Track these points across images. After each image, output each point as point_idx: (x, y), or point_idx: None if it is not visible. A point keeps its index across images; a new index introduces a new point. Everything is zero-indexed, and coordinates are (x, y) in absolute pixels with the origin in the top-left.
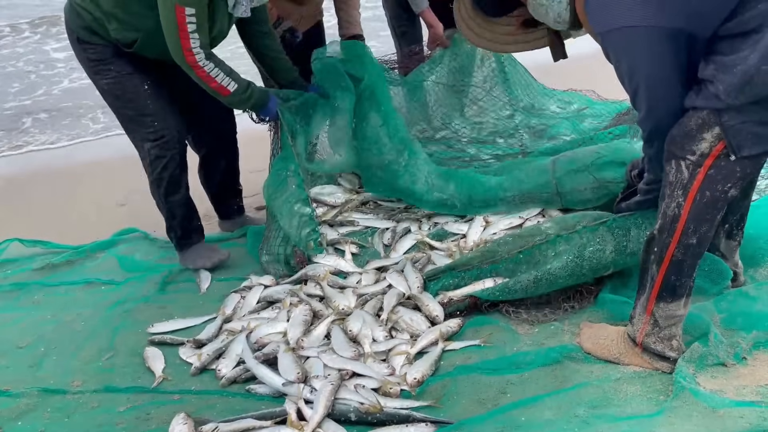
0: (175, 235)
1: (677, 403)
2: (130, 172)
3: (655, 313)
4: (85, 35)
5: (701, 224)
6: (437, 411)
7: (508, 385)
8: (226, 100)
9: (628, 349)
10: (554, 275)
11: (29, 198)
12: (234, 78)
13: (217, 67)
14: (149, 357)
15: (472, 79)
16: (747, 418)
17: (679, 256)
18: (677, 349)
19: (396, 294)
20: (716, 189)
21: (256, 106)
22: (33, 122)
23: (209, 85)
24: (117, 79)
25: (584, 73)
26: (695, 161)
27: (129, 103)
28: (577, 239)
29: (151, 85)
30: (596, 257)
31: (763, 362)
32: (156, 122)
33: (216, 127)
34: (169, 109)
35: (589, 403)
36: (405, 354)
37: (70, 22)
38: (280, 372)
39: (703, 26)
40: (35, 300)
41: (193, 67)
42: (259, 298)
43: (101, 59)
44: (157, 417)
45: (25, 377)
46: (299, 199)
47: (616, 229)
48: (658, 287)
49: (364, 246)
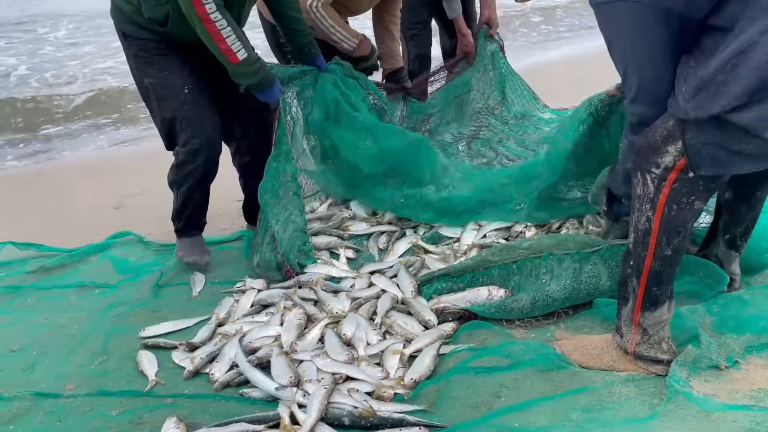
0: (178, 223)
1: (671, 407)
2: (125, 175)
3: (642, 323)
4: (129, 29)
5: (673, 236)
6: (431, 415)
7: (502, 389)
8: (232, 69)
9: (621, 357)
10: (552, 297)
11: (23, 201)
12: (245, 45)
13: (229, 26)
14: (142, 361)
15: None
16: (740, 422)
17: (657, 267)
18: (668, 351)
19: (390, 298)
20: (682, 202)
21: (261, 85)
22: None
23: (218, 46)
24: (159, 79)
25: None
26: (660, 175)
27: (167, 104)
28: (569, 262)
29: (191, 89)
30: (593, 283)
31: (756, 366)
32: (189, 128)
33: (261, 136)
34: (206, 116)
35: (583, 407)
36: (399, 353)
37: (116, 20)
38: (273, 376)
39: (696, 6)
40: (28, 303)
41: (202, 20)
42: (253, 301)
43: (145, 55)
44: (150, 421)
45: (17, 381)
46: (295, 208)
47: (608, 260)
48: (640, 299)
49: (359, 250)
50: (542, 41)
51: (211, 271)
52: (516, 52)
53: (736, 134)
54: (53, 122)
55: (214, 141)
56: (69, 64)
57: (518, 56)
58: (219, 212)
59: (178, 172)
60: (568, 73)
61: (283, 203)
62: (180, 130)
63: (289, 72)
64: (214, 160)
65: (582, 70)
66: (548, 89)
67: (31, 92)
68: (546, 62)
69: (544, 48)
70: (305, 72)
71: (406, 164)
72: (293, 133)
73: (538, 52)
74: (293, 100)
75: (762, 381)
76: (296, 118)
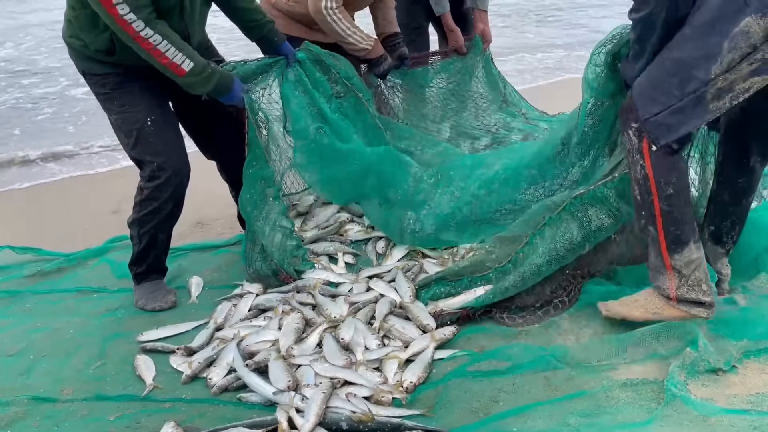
0: (137, 268)
1: (668, 411)
2: (122, 179)
3: (674, 265)
4: (86, 66)
5: (669, 174)
6: (429, 420)
7: (501, 394)
8: (182, 81)
9: (664, 304)
10: (537, 265)
11: (21, 205)
12: (188, 55)
13: (165, 39)
14: (140, 365)
15: (469, 91)
16: (737, 427)
17: (666, 207)
18: (709, 293)
19: (388, 302)
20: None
21: (218, 90)
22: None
23: (160, 62)
24: (121, 114)
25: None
26: (638, 127)
27: (131, 139)
28: (548, 232)
29: (154, 120)
30: (567, 238)
31: (753, 371)
32: (155, 161)
33: (242, 144)
34: (172, 146)
35: (581, 412)
36: (397, 359)
37: (74, 60)
38: (271, 380)
39: None
40: (26, 307)
41: (135, 39)
42: (251, 305)
43: (104, 92)
44: (147, 425)
45: (14, 385)
46: (278, 213)
47: (576, 212)
48: (664, 243)
49: (358, 254)
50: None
51: (209, 275)
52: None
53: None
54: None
55: (181, 173)
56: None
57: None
58: (216, 217)
59: (141, 209)
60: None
61: (265, 211)
62: (146, 164)
63: (252, 68)
64: (181, 196)
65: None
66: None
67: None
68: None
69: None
70: (270, 65)
71: (373, 187)
72: (269, 129)
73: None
74: (261, 97)
75: (760, 385)
76: (268, 113)
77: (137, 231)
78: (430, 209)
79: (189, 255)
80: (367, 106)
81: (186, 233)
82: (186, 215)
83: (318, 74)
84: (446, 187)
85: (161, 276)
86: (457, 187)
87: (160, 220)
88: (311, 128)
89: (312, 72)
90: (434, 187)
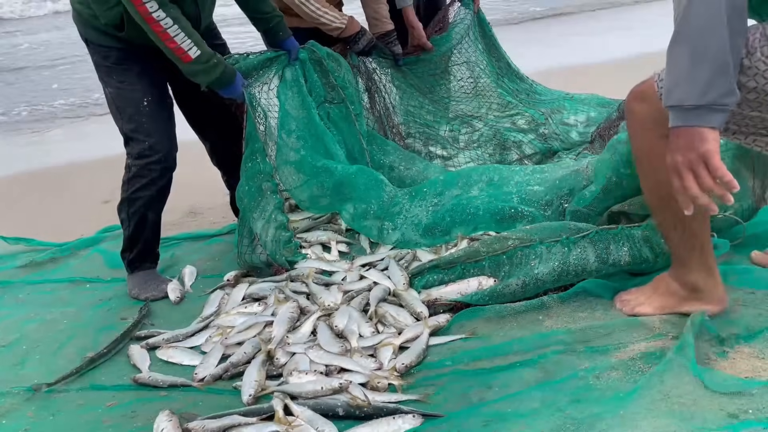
0: (129, 254)
1: (657, 387)
2: (114, 169)
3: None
4: (92, 35)
5: None
6: (425, 405)
7: (494, 379)
8: (186, 69)
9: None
10: (541, 280)
11: (12, 195)
12: (196, 42)
13: (176, 24)
14: (134, 354)
15: (442, 89)
16: (726, 410)
17: None
18: None
19: (382, 289)
20: None
21: (220, 82)
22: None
23: (168, 46)
24: (118, 89)
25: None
26: None
27: (125, 115)
28: (558, 247)
29: (150, 101)
30: (581, 264)
31: (743, 355)
32: (147, 140)
33: (235, 131)
34: (164, 130)
35: (572, 393)
36: (391, 345)
37: (78, 25)
38: (243, 383)
39: None
40: (19, 298)
41: (146, 20)
42: (244, 294)
43: (105, 64)
44: (143, 414)
45: (8, 376)
46: (274, 207)
47: (598, 242)
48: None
49: (351, 243)
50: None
51: (203, 264)
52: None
53: None
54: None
55: (170, 158)
56: None
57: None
58: (209, 206)
59: (129, 187)
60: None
61: (262, 204)
62: (136, 142)
63: (253, 63)
64: (170, 176)
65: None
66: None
67: None
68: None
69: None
70: (272, 60)
71: (346, 201)
72: (266, 125)
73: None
74: (260, 93)
75: (748, 370)
76: (267, 109)
77: (126, 212)
78: (406, 219)
79: (182, 244)
80: (355, 119)
81: (179, 222)
82: (178, 204)
83: (315, 76)
84: (421, 200)
85: (154, 264)
86: (431, 203)
87: (149, 197)
88: (293, 136)
89: (310, 73)
90: (409, 201)
